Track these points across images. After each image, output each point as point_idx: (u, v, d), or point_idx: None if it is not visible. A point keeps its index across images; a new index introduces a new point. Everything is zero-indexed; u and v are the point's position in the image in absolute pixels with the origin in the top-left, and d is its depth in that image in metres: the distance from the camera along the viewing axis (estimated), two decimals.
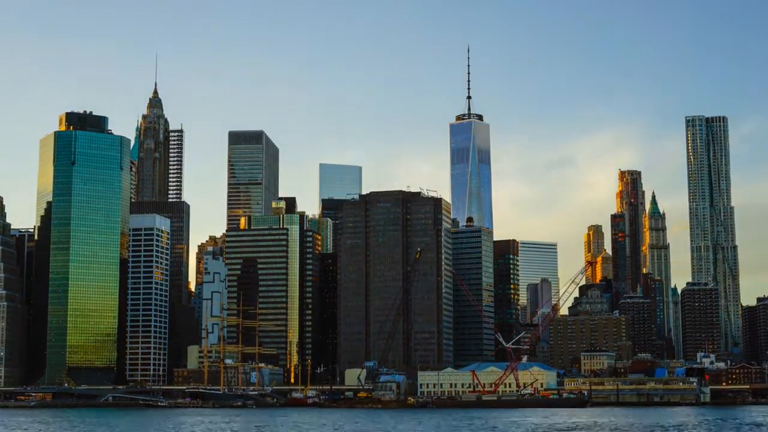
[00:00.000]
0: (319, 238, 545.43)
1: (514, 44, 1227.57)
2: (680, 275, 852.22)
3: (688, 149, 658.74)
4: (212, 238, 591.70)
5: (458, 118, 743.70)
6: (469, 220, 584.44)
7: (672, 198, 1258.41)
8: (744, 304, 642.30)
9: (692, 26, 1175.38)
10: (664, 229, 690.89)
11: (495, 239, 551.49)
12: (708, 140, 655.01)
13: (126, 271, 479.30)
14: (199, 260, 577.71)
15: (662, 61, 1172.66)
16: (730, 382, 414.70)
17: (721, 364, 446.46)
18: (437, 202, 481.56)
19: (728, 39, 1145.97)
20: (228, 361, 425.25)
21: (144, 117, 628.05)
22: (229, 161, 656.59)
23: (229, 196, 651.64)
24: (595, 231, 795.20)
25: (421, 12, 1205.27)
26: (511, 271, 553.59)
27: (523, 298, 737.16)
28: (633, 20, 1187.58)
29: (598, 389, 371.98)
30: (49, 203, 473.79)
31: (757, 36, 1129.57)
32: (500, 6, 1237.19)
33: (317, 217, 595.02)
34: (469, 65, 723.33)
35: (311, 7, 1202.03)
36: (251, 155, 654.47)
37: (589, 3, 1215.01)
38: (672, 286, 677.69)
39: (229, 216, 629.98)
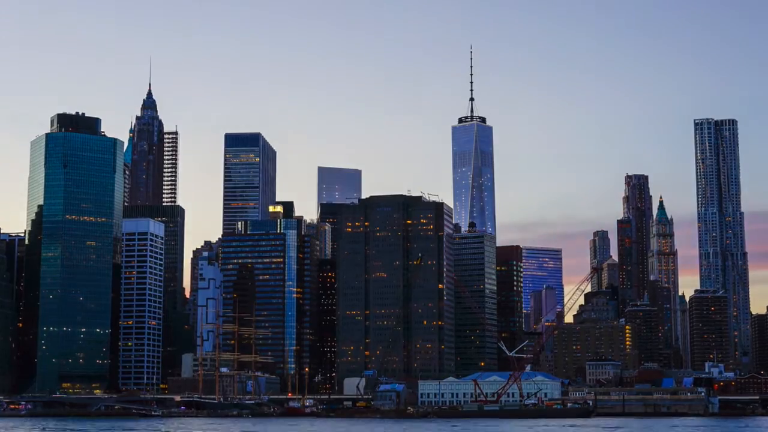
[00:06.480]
0: (318, 243, 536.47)
1: (517, 45, 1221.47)
2: (688, 282, 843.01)
3: (696, 153, 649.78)
4: (207, 243, 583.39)
5: (460, 120, 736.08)
6: (472, 225, 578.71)
7: (680, 203, 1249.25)
8: (754, 313, 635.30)
9: (701, 28, 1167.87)
10: (671, 235, 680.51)
11: (498, 245, 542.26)
12: (717, 144, 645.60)
13: (119, 276, 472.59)
14: (194, 266, 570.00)
15: (670, 63, 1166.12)
16: (739, 392, 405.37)
17: (730, 374, 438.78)
18: (439, 206, 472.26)
19: (738, 41, 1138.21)
20: (223, 370, 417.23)
21: (138, 118, 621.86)
22: (224, 164, 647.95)
23: (225, 200, 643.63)
24: (601, 237, 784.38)
25: (422, 13, 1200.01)
26: (515, 277, 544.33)
27: (526, 306, 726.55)
28: (639, 22, 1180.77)
29: (603, 399, 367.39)
30: (40, 207, 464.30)
31: None
32: (503, 6, 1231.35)
33: (315, 221, 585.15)
34: (471, 66, 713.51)
35: (310, 9, 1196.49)
36: (248, 158, 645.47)
37: (594, 4, 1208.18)
38: (680, 293, 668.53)
39: (224, 220, 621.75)
